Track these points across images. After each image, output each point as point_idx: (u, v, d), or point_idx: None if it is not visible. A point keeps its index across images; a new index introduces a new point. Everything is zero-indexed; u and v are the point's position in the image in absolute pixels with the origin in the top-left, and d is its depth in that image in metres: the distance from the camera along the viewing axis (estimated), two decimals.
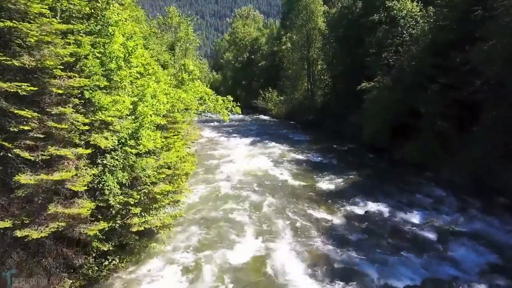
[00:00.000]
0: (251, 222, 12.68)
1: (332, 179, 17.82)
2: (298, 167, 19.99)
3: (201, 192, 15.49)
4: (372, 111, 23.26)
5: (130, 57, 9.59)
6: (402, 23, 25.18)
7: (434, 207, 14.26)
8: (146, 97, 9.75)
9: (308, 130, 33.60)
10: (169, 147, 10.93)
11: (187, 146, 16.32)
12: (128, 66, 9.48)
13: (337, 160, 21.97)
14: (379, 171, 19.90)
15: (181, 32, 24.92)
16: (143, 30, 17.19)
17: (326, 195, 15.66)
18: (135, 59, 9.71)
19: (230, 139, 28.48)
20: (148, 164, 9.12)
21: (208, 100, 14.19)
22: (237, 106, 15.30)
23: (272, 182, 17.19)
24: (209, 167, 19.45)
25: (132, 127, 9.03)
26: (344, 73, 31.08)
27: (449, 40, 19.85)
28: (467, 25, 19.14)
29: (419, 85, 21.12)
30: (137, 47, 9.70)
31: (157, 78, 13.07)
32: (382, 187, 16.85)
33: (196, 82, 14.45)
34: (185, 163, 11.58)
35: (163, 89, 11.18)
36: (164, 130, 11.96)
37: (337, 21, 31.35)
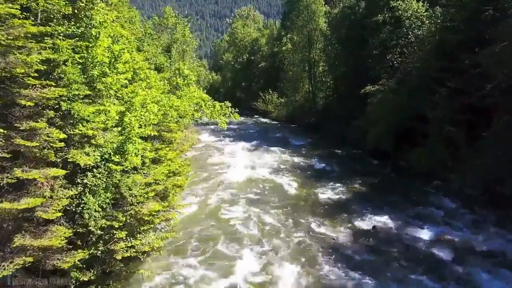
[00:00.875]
0: (250, 240, 11.74)
1: (336, 188, 16.90)
2: (299, 174, 19.07)
3: (196, 203, 14.57)
4: (376, 115, 22.36)
5: (116, 62, 8.67)
6: (407, 23, 24.28)
7: (445, 221, 13.35)
8: (134, 106, 8.83)
9: (309, 134, 32.68)
10: (160, 159, 9.99)
11: (182, 154, 15.43)
12: (114, 72, 8.56)
13: (340, 166, 21.06)
14: (384, 179, 18.99)
15: (178, 33, 23.97)
16: (136, 32, 16.27)
17: (329, 206, 14.75)
18: (122, 65, 8.78)
19: (229, 143, 27.58)
20: (136, 180, 8.20)
21: (205, 106, 13.28)
22: (236, 112, 14.38)
23: (272, 191, 16.27)
24: (206, 175, 18.54)
25: (117, 140, 8.12)
26: (347, 75, 30.17)
27: (458, 41, 18.97)
28: (477, 26, 18.24)
29: (426, 89, 20.26)
30: (123, 51, 8.76)
31: (148, 83, 12.17)
32: (388, 197, 15.94)
33: (191, 87, 13.55)
34: (178, 176, 10.66)
35: (153, 97, 10.26)
36: (156, 140, 11.06)
37: (339, 21, 30.43)
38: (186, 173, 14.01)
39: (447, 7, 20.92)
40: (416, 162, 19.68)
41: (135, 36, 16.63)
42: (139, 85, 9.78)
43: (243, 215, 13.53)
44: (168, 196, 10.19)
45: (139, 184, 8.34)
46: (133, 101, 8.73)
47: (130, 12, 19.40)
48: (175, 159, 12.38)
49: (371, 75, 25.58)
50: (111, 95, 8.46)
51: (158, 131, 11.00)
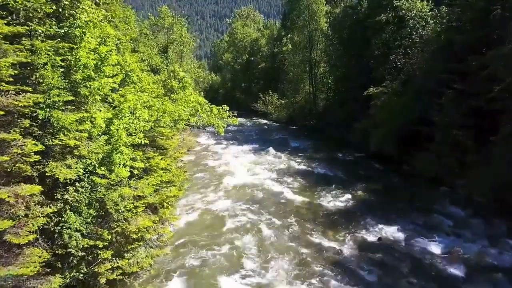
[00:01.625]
0: (248, 254, 11.02)
1: (339, 195, 16.19)
2: (300, 180, 18.36)
3: (192, 213, 13.85)
4: (380, 118, 21.68)
5: (103, 65, 7.97)
6: (411, 23, 23.62)
7: (455, 231, 12.64)
8: (122, 113, 8.12)
9: (310, 136, 31.98)
10: (152, 169, 9.29)
11: (179, 159, 14.72)
12: (101, 75, 7.86)
13: (343, 171, 20.34)
14: (389, 185, 18.28)
15: (175, 33, 23.22)
16: (131, 32, 15.59)
17: (332, 215, 14.04)
18: (109, 67, 8.08)
19: (227, 146, 26.85)
20: (124, 194, 7.50)
21: (201, 110, 12.58)
22: (234, 116, 13.67)
23: (272, 199, 15.56)
24: (203, 181, 17.81)
25: (103, 150, 7.41)
26: (348, 76, 29.47)
27: (464, 42, 18.30)
28: (484, 26, 17.58)
29: (431, 91, 19.59)
30: (111, 53, 8.06)
31: (141, 87, 11.48)
32: (394, 204, 15.25)
33: (187, 90, 12.86)
34: (172, 185, 9.96)
35: (144, 101, 9.56)
36: (149, 148, 10.36)
37: (341, 21, 29.75)
38: (182, 181, 13.33)
39: (452, 7, 20.26)
40: (421, 167, 19.01)
41: (130, 37, 15.93)
42: (128, 90, 9.07)
43: (241, 226, 12.82)
44: (161, 208, 9.48)
45: (127, 198, 7.63)
46: (121, 107, 8.02)
47: (125, 11, 18.71)
48: (170, 167, 11.70)
49: (373, 76, 24.94)
50: (97, 100, 7.75)
51: (150, 138, 10.30)
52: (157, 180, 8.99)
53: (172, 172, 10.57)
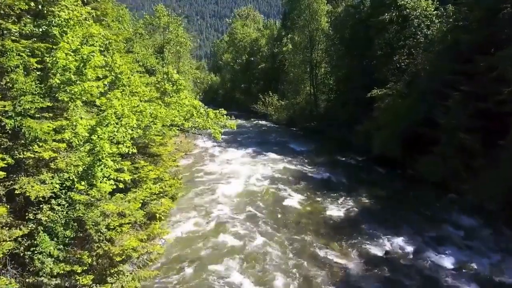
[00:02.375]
0: (247, 271, 10.26)
1: (342, 202, 15.45)
2: (301, 186, 17.60)
3: (186, 223, 13.04)
4: (383, 120, 20.95)
5: (85, 68, 7.22)
6: (416, 23, 22.87)
7: (467, 243, 11.89)
8: (107, 119, 7.37)
9: (311, 138, 31.23)
10: (142, 180, 8.54)
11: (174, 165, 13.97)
12: (82, 79, 7.11)
13: (345, 176, 19.59)
14: (393, 190, 17.53)
15: (171, 33, 22.41)
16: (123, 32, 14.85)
17: (336, 225, 13.29)
18: (91, 70, 7.33)
19: (226, 150, 26.10)
20: (106, 211, 6.75)
21: (196, 115, 11.82)
22: (231, 121, 12.95)
23: (273, 207, 14.80)
24: (199, 188, 17.00)
25: (84, 162, 6.66)
26: (350, 77, 28.72)
27: (472, 42, 17.59)
28: (493, 25, 16.86)
29: (436, 92, 18.90)
30: (93, 54, 7.31)
31: (131, 90, 10.75)
32: (400, 213, 14.50)
33: (181, 93, 12.10)
34: (163, 197, 9.21)
35: (134, 106, 8.81)
36: (139, 156, 9.61)
37: (343, 21, 29.01)
38: (176, 189, 12.60)
39: (459, 5, 19.53)
40: (427, 172, 18.31)
41: (122, 37, 15.18)
42: (115, 94, 8.31)
43: (239, 239, 12.05)
44: (152, 221, 8.73)
45: (110, 215, 6.88)
46: (105, 113, 7.27)
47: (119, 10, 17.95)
48: (163, 175, 10.97)
49: (376, 77, 24.25)
50: (79, 106, 7.00)
51: (141, 145, 9.55)
52: (145, 193, 8.25)
53: (164, 182, 9.82)
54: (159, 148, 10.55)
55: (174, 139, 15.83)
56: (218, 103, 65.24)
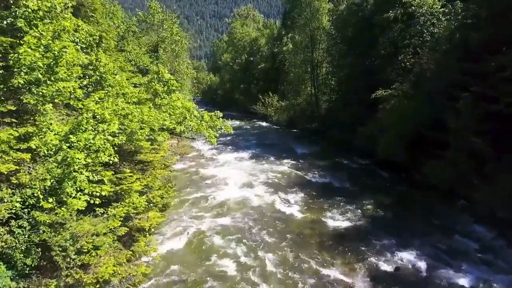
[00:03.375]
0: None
1: (346, 211, 14.51)
2: (303, 192, 16.65)
3: (178, 235, 12.06)
4: (388, 123, 20.01)
5: (57, 66, 6.29)
6: (422, 20, 21.95)
7: (482, 257, 10.96)
8: (83, 125, 6.45)
9: (312, 140, 30.34)
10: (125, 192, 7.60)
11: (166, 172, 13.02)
12: (53, 78, 6.18)
13: (349, 181, 18.66)
14: (400, 197, 16.62)
15: (165, 31, 21.41)
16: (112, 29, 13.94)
17: (340, 237, 12.33)
18: (63, 69, 6.39)
19: (224, 152, 25.17)
20: (78, 232, 5.81)
21: (189, 118, 10.88)
22: (230, 120, 12.04)
23: (272, 217, 13.85)
24: (194, 196, 16.02)
25: (53, 175, 5.73)
26: (352, 77, 27.77)
27: (482, 40, 16.69)
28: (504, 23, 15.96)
29: (444, 93, 18.00)
30: (65, 50, 6.36)
31: (118, 91, 9.82)
32: (408, 223, 13.57)
33: (173, 94, 11.17)
34: (151, 210, 8.27)
35: (118, 109, 7.87)
36: (126, 164, 8.68)
37: (345, 19, 28.04)
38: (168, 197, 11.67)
39: (467, 2, 18.60)
40: (434, 177, 17.39)
41: (112, 34, 14.26)
42: (93, 97, 7.38)
43: (236, 252, 11.12)
44: (138, 236, 7.80)
45: (84, 236, 5.94)
46: (80, 118, 6.34)
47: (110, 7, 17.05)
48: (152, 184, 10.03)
49: (380, 77, 23.33)
50: (48, 111, 6.07)
51: (128, 152, 8.61)
52: (128, 208, 7.31)
53: (153, 192, 8.88)
54: (148, 155, 9.63)
55: (169, 142, 14.88)
56: (217, 104, 64.52)
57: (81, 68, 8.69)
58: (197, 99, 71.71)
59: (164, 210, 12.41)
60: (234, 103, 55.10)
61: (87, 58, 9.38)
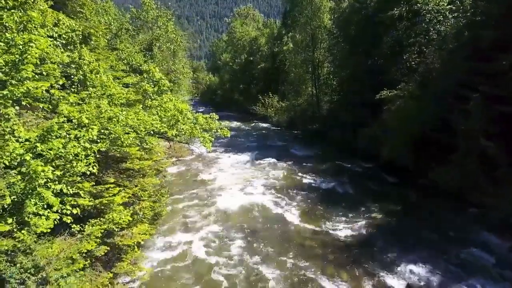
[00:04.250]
0: None
1: (350, 219, 13.65)
2: (304, 199, 15.79)
3: (169, 248, 11.18)
4: (393, 124, 19.15)
5: (22, 64, 5.44)
6: (428, 18, 21.11)
7: (500, 272, 10.10)
8: (55, 132, 5.59)
9: (313, 142, 29.49)
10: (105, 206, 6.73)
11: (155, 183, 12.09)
12: (17, 77, 5.33)
13: (352, 186, 17.81)
14: (407, 203, 15.75)
15: (160, 28, 20.48)
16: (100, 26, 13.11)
17: (345, 249, 11.47)
18: (30, 67, 5.53)
19: (223, 154, 24.32)
20: (44, 255, 4.95)
21: (182, 120, 10.02)
22: (225, 128, 11.17)
23: (272, 226, 12.98)
24: (190, 202, 15.15)
25: (13, 191, 4.87)
26: (355, 77, 26.90)
27: (492, 38, 15.89)
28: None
29: (452, 94, 17.21)
30: (31, 44, 5.50)
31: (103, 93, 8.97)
32: (417, 232, 12.71)
33: (165, 95, 10.32)
34: (137, 224, 7.41)
35: (100, 113, 7.02)
36: (110, 172, 7.82)
37: (348, 17, 27.19)
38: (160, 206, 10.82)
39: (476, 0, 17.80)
40: (443, 182, 16.57)
41: (102, 31, 13.41)
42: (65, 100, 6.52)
43: (234, 266, 10.26)
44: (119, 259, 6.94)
45: (52, 261, 5.09)
46: (50, 123, 5.49)
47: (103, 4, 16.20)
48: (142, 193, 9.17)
49: (383, 78, 22.49)
50: (10, 115, 5.21)
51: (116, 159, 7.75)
52: (108, 225, 6.45)
53: (140, 203, 8.03)
54: (135, 162, 8.77)
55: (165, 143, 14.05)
56: (217, 104, 63.66)
57: (60, 67, 7.86)
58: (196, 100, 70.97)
59: (156, 219, 11.57)
60: (233, 103, 54.28)
61: (69, 56, 8.55)
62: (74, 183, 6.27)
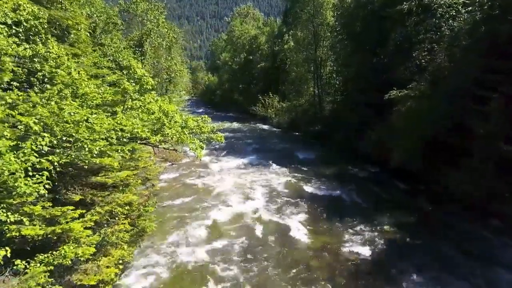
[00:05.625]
0: None
1: (360, 234, 12.23)
2: (308, 209, 14.37)
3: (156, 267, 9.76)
4: (404, 127, 17.76)
5: None
6: (439, 13, 19.70)
7: None
8: None
9: (315, 144, 28.15)
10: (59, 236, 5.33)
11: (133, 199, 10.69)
12: None
13: (359, 194, 16.41)
14: (420, 213, 14.37)
15: (150, 22, 18.99)
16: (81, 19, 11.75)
17: (357, 269, 10.05)
18: None
19: (220, 159, 22.92)
20: None
21: (168, 124, 8.63)
22: (218, 133, 9.83)
23: (272, 244, 11.51)
24: (180, 215, 13.53)
25: None
26: (360, 76, 25.54)
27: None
28: None
29: (468, 94, 15.91)
30: None
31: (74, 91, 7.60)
32: (436, 248, 11.31)
33: (147, 95, 8.94)
34: (108, 252, 6.02)
35: (60, 118, 5.64)
36: (73, 190, 6.42)
37: (353, 13, 25.81)
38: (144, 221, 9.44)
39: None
40: (458, 190, 15.24)
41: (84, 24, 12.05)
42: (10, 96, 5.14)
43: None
44: None
45: None
46: None
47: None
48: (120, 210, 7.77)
49: (391, 76, 21.12)
50: None
51: (78, 172, 6.36)
52: (61, 260, 5.07)
53: (114, 225, 6.63)
54: (110, 174, 7.38)
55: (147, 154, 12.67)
56: (216, 105, 62.29)
57: (13, 59, 6.49)
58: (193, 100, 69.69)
59: (141, 235, 10.18)
60: (233, 104, 53.00)
61: (31, 48, 7.17)
62: (20, 207, 4.93)
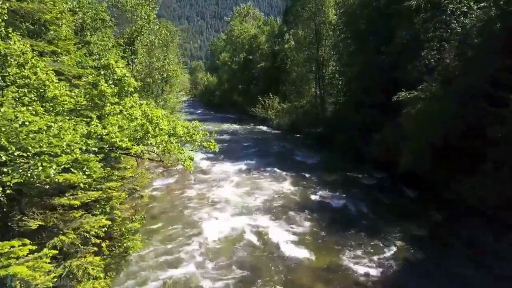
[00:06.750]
0: None
1: (370, 250, 11.06)
2: (311, 222, 13.18)
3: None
4: (413, 130, 16.64)
5: None
6: (450, 9, 18.57)
7: None
8: None
9: (317, 147, 27.04)
10: None
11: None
12: None
13: (366, 203, 15.25)
14: (432, 225, 13.25)
15: (141, 19, 17.76)
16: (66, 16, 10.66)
17: None
18: None
19: (217, 164, 21.76)
20: None
21: (153, 132, 7.49)
22: (212, 140, 8.70)
23: (272, 264, 10.30)
24: (170, 229, 12.27)
25: None
26: (364, 76, 24.40)
27: None
28: None
29: (483, 95, 14.83)
30: None
31: (41, 95, 6.49)
32: (451, 265, 10.19)
33: (128, 99, 7.79)
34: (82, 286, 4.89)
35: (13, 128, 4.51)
36: (33, 215, 5.28)
37: (356, 11, 24.68)
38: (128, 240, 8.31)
39: None
40: (473, 198, 14.12)
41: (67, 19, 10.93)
42: None
43: None
44: None
45: None
46: None
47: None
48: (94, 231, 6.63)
49: (397, 76, 20.03)
50: None
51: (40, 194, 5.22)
52: None
53: (79, 259, 5.48)
54: (80, 194, 6.23)
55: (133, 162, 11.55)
56: (215, 106, 61.19)
57: None
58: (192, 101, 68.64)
59: (125, 255, 9.05)
60: (232, 104, 51.94)
61: None
62: None
